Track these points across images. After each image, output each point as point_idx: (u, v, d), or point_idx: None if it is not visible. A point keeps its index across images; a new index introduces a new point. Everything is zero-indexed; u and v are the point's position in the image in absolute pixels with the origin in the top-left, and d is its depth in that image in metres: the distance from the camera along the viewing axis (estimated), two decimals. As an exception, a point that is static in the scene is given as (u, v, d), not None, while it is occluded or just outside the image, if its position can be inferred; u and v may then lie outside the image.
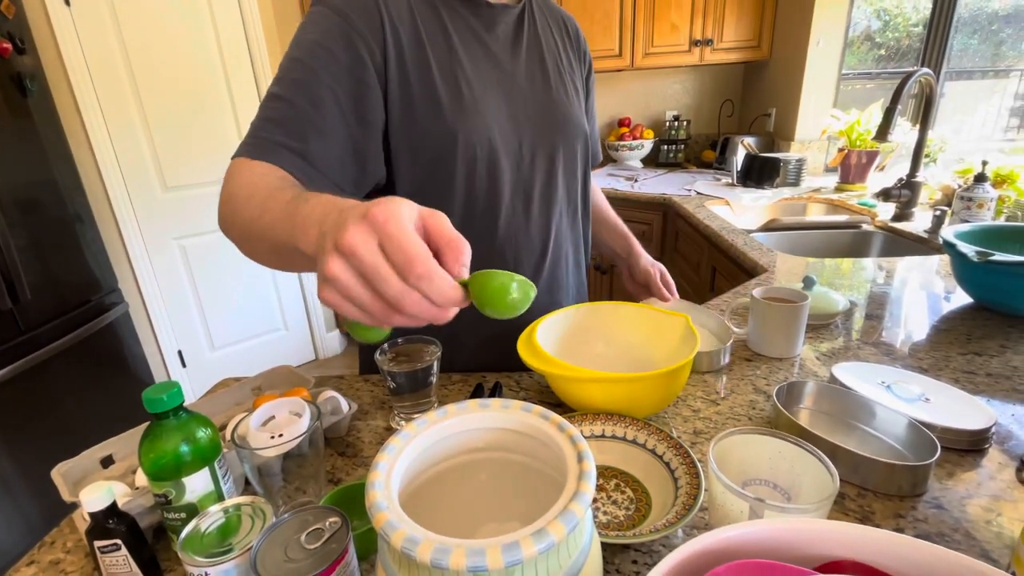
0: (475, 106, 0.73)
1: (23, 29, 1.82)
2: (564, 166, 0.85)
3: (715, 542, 0.32)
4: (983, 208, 1.47)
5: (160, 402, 0.48)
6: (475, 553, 0.30)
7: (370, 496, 0.35)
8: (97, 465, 0.64)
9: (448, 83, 0.72)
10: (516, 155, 0.79)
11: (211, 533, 0.45)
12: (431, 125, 0.71)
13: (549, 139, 0.82)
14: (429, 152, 0.73)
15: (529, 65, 0.81)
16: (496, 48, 0.78)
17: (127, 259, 2.37)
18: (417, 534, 0.32)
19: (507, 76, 0.78)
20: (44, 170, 1.88)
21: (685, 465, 0.57)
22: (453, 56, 0.73)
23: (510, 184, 0.79)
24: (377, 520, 0.33)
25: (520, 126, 0.79)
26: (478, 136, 0.73)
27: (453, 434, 0.45)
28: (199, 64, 2.37)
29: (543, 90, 0.82)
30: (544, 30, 0.85)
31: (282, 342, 2.94)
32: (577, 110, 0.87)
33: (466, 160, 0.74)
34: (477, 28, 0.76)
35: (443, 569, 0.30)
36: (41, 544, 0.57)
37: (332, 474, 0.65)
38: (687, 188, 2.35)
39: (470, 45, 0.75)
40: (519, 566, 0.31)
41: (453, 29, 0.74)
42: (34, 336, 1.75)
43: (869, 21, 2.59)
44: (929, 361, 0.83)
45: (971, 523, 0.53)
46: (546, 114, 0.82)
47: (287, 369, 0.81)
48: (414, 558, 0.30)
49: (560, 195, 0.85)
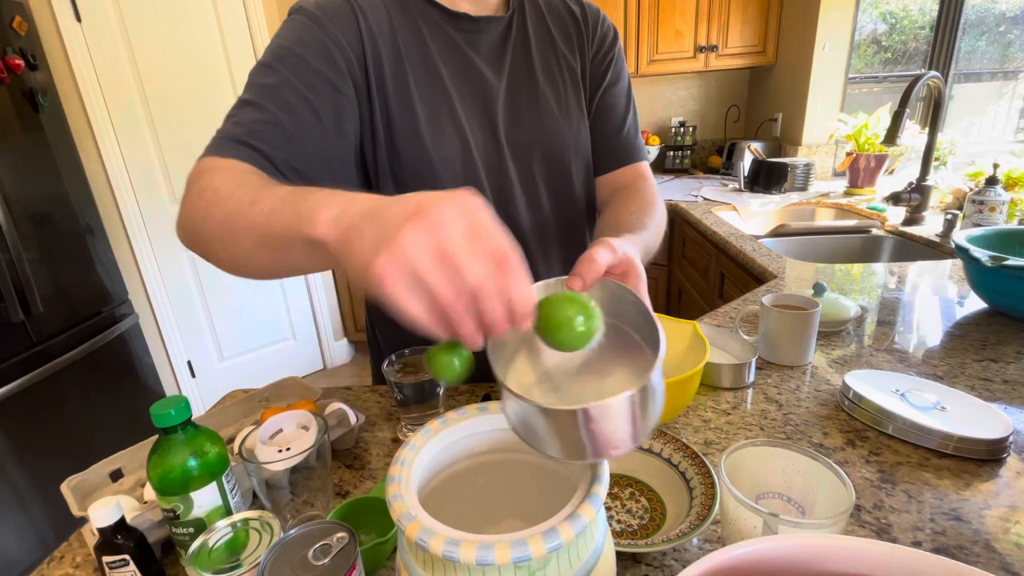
0: (454, 125, 0.71)
1: (35, 45, 1.85)
2: (551, 182, 0.81)
3: (730, 559, 0.31)
4: (995, 211, 1.45)
5: (168, 417, 0.48)
6: (484, 548, 0.31)
7: (390, 490, 0.36)
8: (106, 479, 0.64)
9: (426, 100, 0.70)
10: (496, 172, 0.76)
11: (219, 548, 0.45)
12: (408, 143, 0.69)
13: (532, 155, 0.78)
14: (407, 170, 0.71)
15: (514, 79, 0.77)
16: (479, 62, 0.74)
17: (137, 271, 2.40)
18: (432, 527, 0.32)
19: (490, 92, 0.75)
20: (56, 183, 1.90)
21: (700, 475, 0.56)
22: (433, 72, 0.71)
23: (493, 200, 0.75)
24: (395, 511, 0.34)
25: (501, 143, 0.75)
26: (456, 155, 0.71)
27: (469, 435, 0.45)
28: (208, 78, 2.39)
29: (529, 104, 0.78)
30: (537, 33, 0.79)
31: (290, 351, 2.95)
32: (566, 123, 0.80)
33: (445, 179, 0.72)
34: (459, 42, 0.73)
35: (454, 562, 0.31)
36: (51, 559, 0.57)
37: (340, 487, 0.65)
38: (694, 194, 2.34)
39: (451, 60, 0.72)
40: (527, 563, 0.31)
41: (433, 44, 0.71)
42: (46, 348, 1.77)
43: (875, 24, 2.58)
44: (944, 368, 0.82)
45: (990, 535, 0.52)
46: (529, 130, 0.77)
47: (295, 380, 0.81)
48: (427, 550, 0.31)
49: (547, 212, 0.81)
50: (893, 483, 0.59)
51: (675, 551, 0.51)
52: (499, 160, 0.76)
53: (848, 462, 0.63)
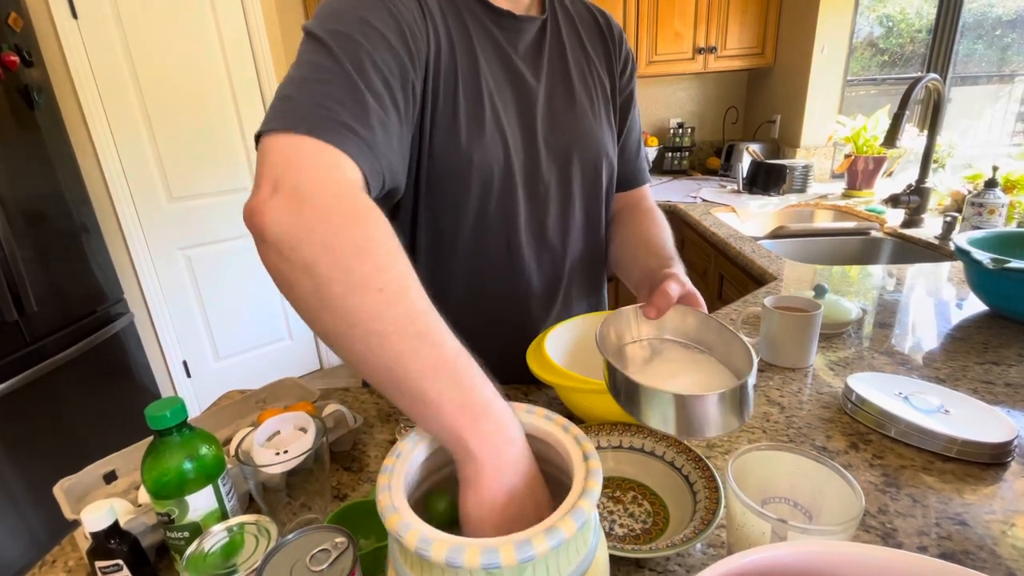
0: (494, 125, 0.68)
1: (31, 42, 1.84)
2: (584, 189, 0.79)
3: (738, 567, 0.31)
4: (994, 214, 1.45)
5: (163, 419, 0.47)
6: (489, 551, 0.30)
7: (381, 500, 0.35)
8: (100, 481, 0.63)
9: (469, 99, 0.66)
10: (532, 177, 0.74)
11: (215, 553, 0.44)
12: (448, 141, 0.66)
13: (569, 161, 0.76)
14: (442, 167, 0.67)
15: (551, 82, 0.75)
16: (519, 62, 0.72)
17: (132, 269, 2.38)
18: (430, 534, 0.32)
19: (529, 94, 0.72)
20: (51, 181, 1.89)
21: (704, 479, 0.55)
22: (477, 70, 0.67)
23: (525, 206, 0.74)
24: (390, 522, 0.33)
25: (538, 148, 0.73)
26: (494, 157, 0.68)
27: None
28: (205, 76, 2.38)
29: (566, 109, 0.76)
30: (571, 39, 0.78)
31: (287, 352, 2.93)
32: (599, 130, 0.79)
33: (480, 181, 0.69)
34: (500, 40, 0.70)
35: (457, 568, 0.31)
36: (42, 563, 0.56)
37: (338, 489, 0.64)
38: (692, 195, 2.34)
39: (492, 59, 0.69)
40: (531, 563, 0.31)
41: (477, 40, 0.68)
42: (40, 347, 1.75)
43: (871, 27, 2.59)
44: (946, 371, 0.82)
45: (996, 540, 0.51)
46: (567, 134, 0.75)
47: (292, 381, 0.80)
48: (428, 558, 0.31)
49: (578, 218, 0.80)
50: (897, 487, 0.59)
51: (679, 556, 0.51)
52: (535, 166, 0.73)
53: (851, 465, 0.62)
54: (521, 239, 0.75)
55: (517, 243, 0.75)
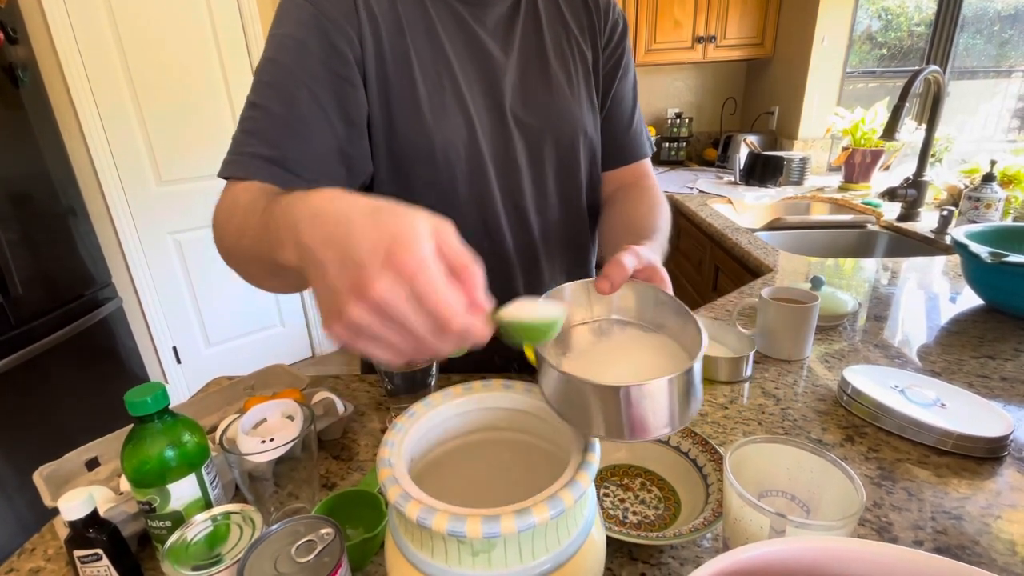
0: (455, 103, 0.68)
1: (15, 18, 1.78)
2: (558, 167, 0.77)
3: (736, 562, 0.30)
4: (991, 208, 1.45)
5: (144, 405, 0.46)
6: (490, 520, 0.31)
7: (382, 473, 0.36)
8: (82, 468, 0.61)
9: (429, 78, 0.66)
10: (503, 155, 0.72)
11: (198, 543, 0.43)
12: (410, 123, 0.66)
13: (542, 138, 0.74)
14: (409, 151, 0.68)
15: (524, 57, 0.73)
16: (486, 39, 0.70)
17: (121, 253, 2.34)
18: (433, 505, 0.33)
19: (495, 70, 0.71)
20: (37, 162, 1.84)
21: (714, 461, 0.55)
22: (436, 49, 0.67)
23: (499, 184, 0.73)
24: (391, 494, 0.34)
25: (508, 125, 0.72)
26: (457, 134, 0.68)
27: (453, 415, 0.45)
28: (195, 55, 2.33)
29: (539, 84, 0.74)
30: (549, 12, 0.75)
31: (278, 339, 2.91)
32: (577, 107, 0.77)
33: (446, 159, 0.68)
34: (465, 16, 0.69)
35: (459, 537, 0.31)
36: (21, 551, 0.54)
37: (326, 478, 0.63)
38: (689, 186, 2.33)
39: (456, 36, 0.69)
40: (530, 531, 0.32)
41: (438, 18, 0.67)
42: (26, 331, 1.72)
43: (870, 21, 2.57)
44: (942, 364, 0.81)
45: (991, 534, 0.51)
46: (540, 111, 0.74)
47: (281, 368, 0.78)
48: (429, 528, 0.31)
49: (553, 198, 0.78)
50: (893, 480, 0.58)
51: (672, 549, 0.50)
52: (506, 143, 0.72)
53: (847, 458, 0.62)
54: (500, 220, 0.74)
55: (495, 224, 0.74)
